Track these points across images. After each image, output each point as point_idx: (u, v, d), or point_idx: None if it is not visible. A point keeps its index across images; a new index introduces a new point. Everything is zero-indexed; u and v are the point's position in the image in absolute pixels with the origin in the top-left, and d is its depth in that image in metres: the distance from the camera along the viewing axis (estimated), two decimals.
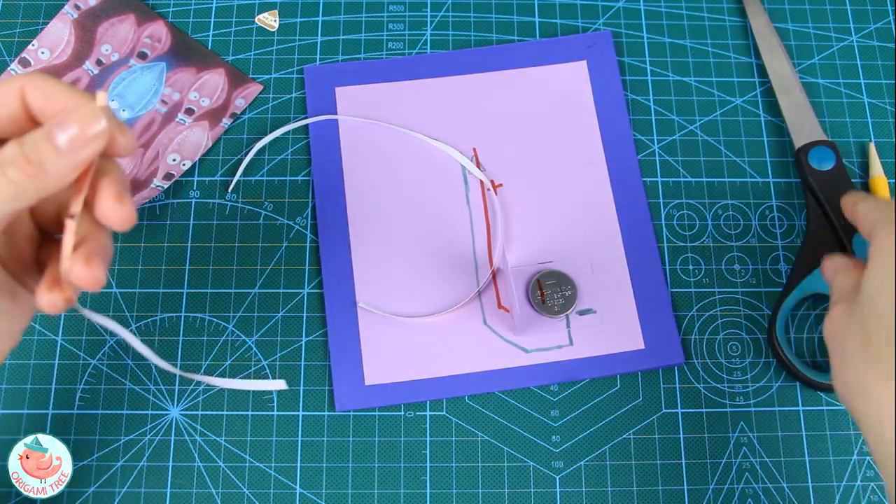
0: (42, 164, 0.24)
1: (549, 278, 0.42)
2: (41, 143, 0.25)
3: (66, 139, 0.25)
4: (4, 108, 0.26)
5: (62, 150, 0.25)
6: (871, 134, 0.46)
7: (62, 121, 0.25)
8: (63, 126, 0.24)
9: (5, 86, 0.26)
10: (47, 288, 0.27)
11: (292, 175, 0.45)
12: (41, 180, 0.25)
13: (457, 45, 0.48)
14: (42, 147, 0.24)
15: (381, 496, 0.39)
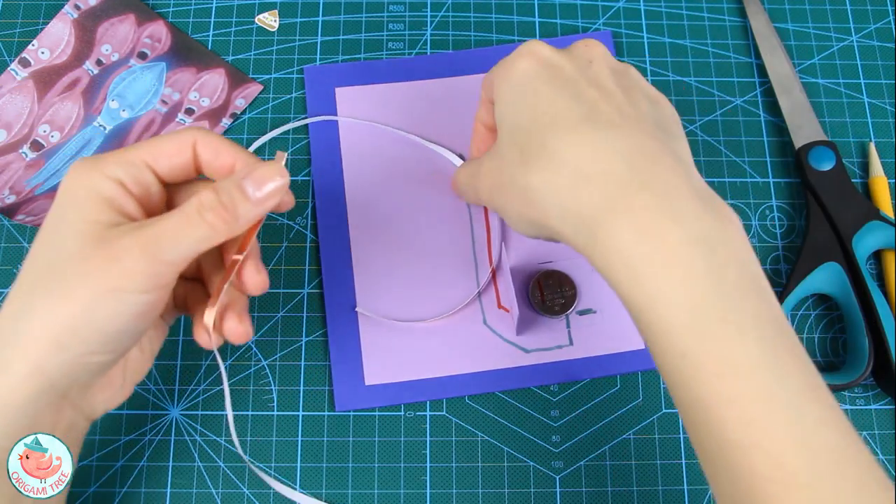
0: (236, 211, 0.28)
1: (549, 278, 0.42)
2: (235, 192, 0.28)
3: (254, 189, 0.29)
4: (179, 158, 0.30)
5: (252, 199, 0.29)
6: (871, 134, 0.46)
7: (254, 174, 0.29)
8: (255, 179, 0.29)
9: (181, 137, 0.30)
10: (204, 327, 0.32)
11: (292, 175, 0.45)
12: (232, 225, 0.28)
13: (457, 45, 0.48)
14: (236, 196, 0.28)
15: (381, 496, 0.39)
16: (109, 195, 0.28)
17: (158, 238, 0.27)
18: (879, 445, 0.40)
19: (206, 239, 0.28)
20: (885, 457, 0.40)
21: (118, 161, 0.29)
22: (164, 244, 0.27)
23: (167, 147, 0.30)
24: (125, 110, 0.46)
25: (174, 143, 0.30)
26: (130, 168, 0.29)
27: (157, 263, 0.27)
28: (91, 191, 0.28)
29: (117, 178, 0.29)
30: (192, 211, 0.28)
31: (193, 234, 0.28)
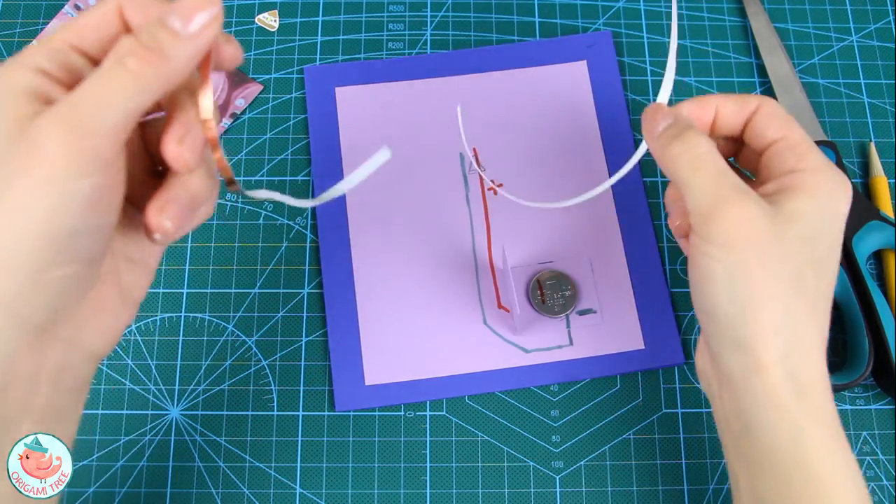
0: (162, 51, 0.24)
1: (549, 278, 0.42)
2: (157, 30, 0.24)
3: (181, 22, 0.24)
4: (105, 30, 0.26)
5: (181, 34, 0.24)
6: (871, 134, 0.46)
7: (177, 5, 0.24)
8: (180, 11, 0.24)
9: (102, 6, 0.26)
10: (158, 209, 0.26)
11: (292, 175, 0.45)
12: (163, 67, 0.24)
13: (457, 45, 0.48)
14: (159, 33, 0.24)
15: (381, 496, 0.39)
16: (32, 86, 0.24)
17: (76, 106, 0.23)
18: (879, 445, 0.40)
19: (137, 93, 0.24)
20: (885, 457, 0.40)
21: (37, 50, 0.25)
22: (85, 111, 0.23)
23: (88, 20, 0.26)
24: None
25: (95, 14, 0.26)
26: (53, 53, 0.25)
27: (83, 138, 0.23)
28: (12, 87, 0.24)
29: (39, 67, 0.25)
30: (111, 63, 0.24)
31: (119, 91, 0.23)
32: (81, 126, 0.23)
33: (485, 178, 0.44)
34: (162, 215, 0.26)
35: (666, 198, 0.35)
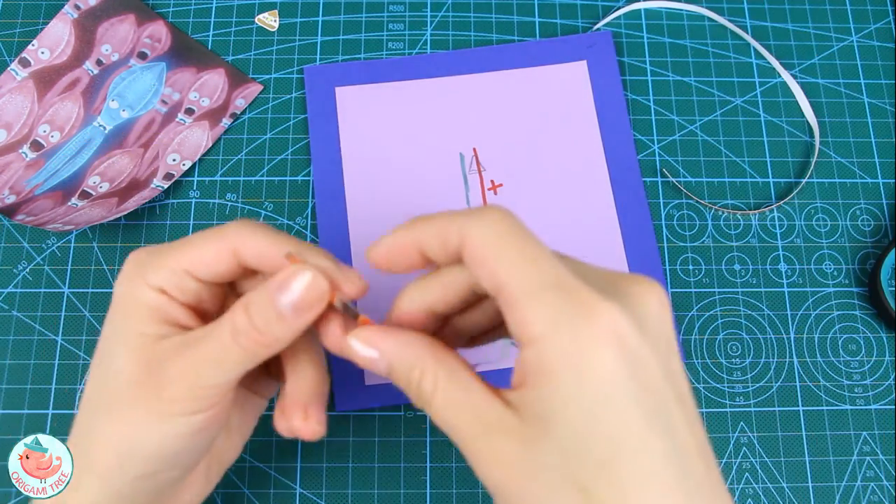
0: (271, 332, 0.26)
1: None
2: (268, 311, 0.26)
3: (289, 305, 0.26)
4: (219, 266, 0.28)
5: (287, 317, 0.26)
6: (872, 134, 0.46)
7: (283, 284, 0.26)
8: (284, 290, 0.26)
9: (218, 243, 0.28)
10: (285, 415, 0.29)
11: (292, 175, 0.45)
12: (273, 346, 0.27)
13: (457, 45, 0.48)
14: (268, 314, 0.26)
15: (381, 496, 0.39)
16: (154, 305, 0.28)
17: (197, 366, 0.27)
18: (879, 445, 0.40)
19: (248, 362, 0.27)
20: (885, 457, 0.40)
21: (158, 269, 0.28)
22: (204, 372, 0.27)
23: (205, 254, 0.28)
24: (125, 110, 0.46)
25: (211, 249, 0.28)
26: (171, 276, 0.28)
27: (199, 389, 0.27)
28: (137, 301, 0.28)
29: (159, 287, 0.28)
30: (227, 337, 0.26)
31: (232, 360, 0.27)
32: (200, 382, 0.27)
33: (485, 178, 0.44)
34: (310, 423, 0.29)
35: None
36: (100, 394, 0.28)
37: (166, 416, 0.27)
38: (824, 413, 0.41)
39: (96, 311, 0.42)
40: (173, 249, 0.28)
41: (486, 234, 0.24)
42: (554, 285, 0.22)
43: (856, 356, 0.42)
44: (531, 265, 0.23)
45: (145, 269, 0.28)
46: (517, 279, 0.23)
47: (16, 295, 0.42)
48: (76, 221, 0.41)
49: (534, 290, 0.22)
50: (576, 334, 0.21)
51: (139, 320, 0.28)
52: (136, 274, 0.28)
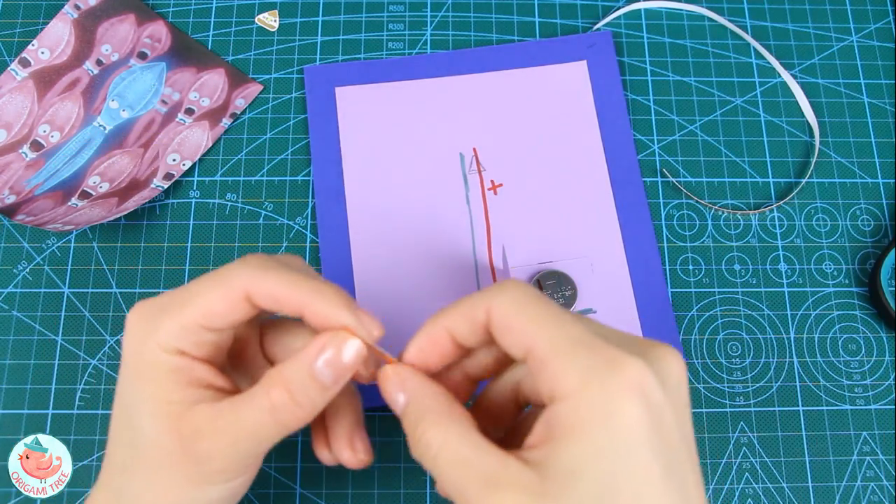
0: (312, 404, 0.26)
1: (549, 278, 0.42)
2: (310, 386, 0.26)
3: (330, 377, 0.26)
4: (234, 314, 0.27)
5: (328, 387, 0.26)
6: (872, 134, 0.46)
7: (324, 358, 0.26)
8: (326, 364, 0.26)
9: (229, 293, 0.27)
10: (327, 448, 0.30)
11: (292, 175, 0.45)
12: (311, 415, 0.27)
13: (457, 45, 0.48)
14: (310, 387, 0.26)
15: (381, 496, 0.39)
16: (174, 368, 0.27)
17: (235, 443, 0.26)
18: (879, 445, 0.40)
19: (285, 432, 0.27)
20: (885, 457, 0.40)
21: (171, 329, 0.27)
22: (241, 446, 0.27)
23: (215, 305, 0.27)
24: (125, 110, 0.46)
25: (222, 299, 0.27)
26: (186, 334, 0.27)
27: (238, 461, 0.27)
28: (155, 367, 0.27)
29: (176, 348, 0.27)
30: (265, 414, 0.26)
31: (269, 433, 0.27)
32: (238, 453, 0.27)
33: (484, 178, 0.44)
34: (358, 454, 0.30)
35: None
36: (131, 458, 0.28)
37: (206, 484, 0.27)
38: (824, 413, 0.41)
39: (96, 311, 0.42)
40: (182, 305, 0.27)
41: (510, 303, 0.25)
42: (582, 343, 0.23)
43: (856, 356, 0.42)
44: (558, 326, 0.24)
45: (156, 330, 0.27)
46: (546, 339, 0.23)
47: (16, 295, 0.42)
48: (76, 221, 0.41)
49: (564, 349, 0.23)
50: (605, 387, 0.22)
51: (162, 387, 0.27)
52: (145, 335, 0.27)
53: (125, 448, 0.28)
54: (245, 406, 0.26)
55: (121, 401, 0.29)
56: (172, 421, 0.27)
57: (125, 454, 0.28)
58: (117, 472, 0.29)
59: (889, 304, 0.41)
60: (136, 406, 0.28)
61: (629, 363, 0.22)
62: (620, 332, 0.25)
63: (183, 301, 0.27)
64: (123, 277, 0.43)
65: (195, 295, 0.27)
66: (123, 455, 0.29)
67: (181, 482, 0.27)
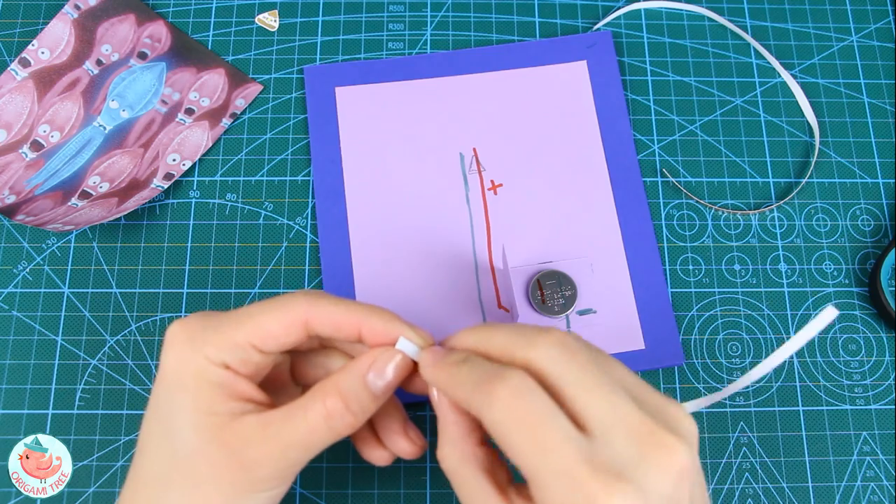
0: (364, 412, 0.28)
1: (549, 278, 0.42)
2: (362, 394, 0.28)
3: (383, 385, 0.28)
4: (289, 338, 0.29)
5: (380, 396, 0.28)
6: (871, 134, 0.46)
7: (380, 368, 0.28)
8: (381, 374, 0.28)
9: (288, 315, 0.28)
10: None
11: (292, 175, 0.45)
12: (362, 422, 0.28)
13: (457, 45, 0.48)
14: (363, 398, 0.28)
15: (381, 496, 0.39)
16: (219, 381, 0.28)
17: (286, 450, 0.27)
18: (879, 445, 0.40)
19: (334, 440, 0.28)
20: (885, 457, 0.40)
21: (221, 344, 0.28)
22: (291, 454, 0.28)
23: (273, 327, 0.28)
24: (125, 110, 0.46)
25: (281, 322, 0.28)
26: (236, 350, 0.28)
27: (286, 469, 0.28)
28: (199, 377, 0.28)
29: (223, 363, 0.28)
30: (319, 421, 0.27)
31: (320, 442, 0.28)
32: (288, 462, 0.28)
33: (484, 178, 0.44)
34: (416, 442, 0.31)
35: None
36: (169, 469, 0.28)
37: (250, 493, 0.28)
38: (824, 413, 0.41)
39: (96, 311, 0.42)
40: (238, 323, 0.28)
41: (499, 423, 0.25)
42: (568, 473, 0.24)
43: (856, 356, 0.42)
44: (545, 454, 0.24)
45: (204, 343, 0.28)
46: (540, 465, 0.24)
47: (16, 295, 0.42)
48: (76, 221, 0.41)
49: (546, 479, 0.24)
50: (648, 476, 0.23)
51: (207, 399, 0.28)
52: (192, 348, 0.28)
53: (162, 459, 0.28)
54: (298, 414, 0.27)
55: (157, 412, 0.29)
56: (217, 431, 0.27)
57: (162, 465, 0.28)
58: (150, 484, 0.28)
59: (889, 304, 0.41)
60: (177, 417, 0.28)
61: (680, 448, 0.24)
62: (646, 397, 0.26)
63: (239, 320, 0.28)
64: (123, 277, 0.43)
65: (253, 315, 0.28)
66: (160, 466, 0.28)
67: (226, 491, 0.27)
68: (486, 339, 0.28)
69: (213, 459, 0.27)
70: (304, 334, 0.29)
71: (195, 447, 0.27)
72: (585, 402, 0.24)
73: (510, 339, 0.27)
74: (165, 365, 0.29)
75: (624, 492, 0.23)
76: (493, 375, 0.25)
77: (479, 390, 0.26)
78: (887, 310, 0.41)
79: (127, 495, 0.29)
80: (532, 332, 0.26)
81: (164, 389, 0.29)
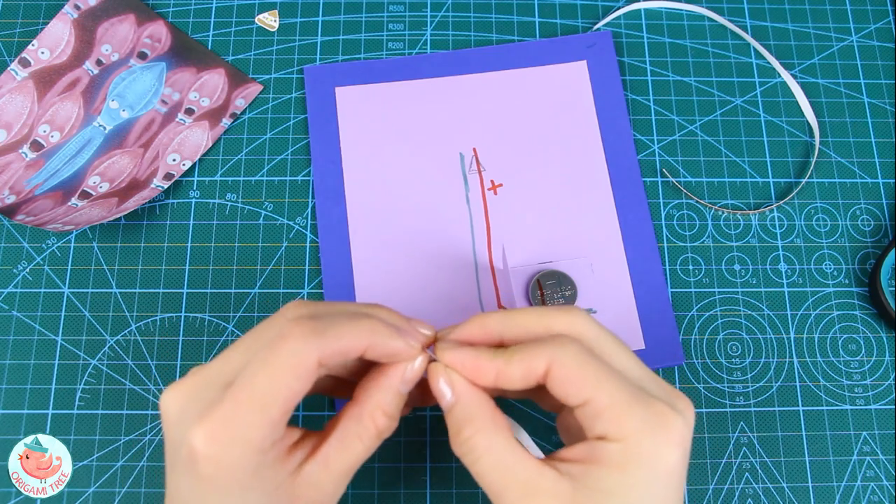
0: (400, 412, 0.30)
1: (549, 278, 0.42)
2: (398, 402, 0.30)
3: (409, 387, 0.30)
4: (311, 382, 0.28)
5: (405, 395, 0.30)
6: (871, 134, 0.46)
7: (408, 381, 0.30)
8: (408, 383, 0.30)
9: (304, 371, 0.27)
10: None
11: (292, 175, 0.45)
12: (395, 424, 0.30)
13: (457, 45, 0.48)
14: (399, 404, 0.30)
15: (381, 496, 0.39)
16: (273, 457, 0.27)
17: (349, 474, 0.29)
18: (879, 445, 0.40)
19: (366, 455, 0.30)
20: (885, 457, 0.40)
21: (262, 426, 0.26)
22: (351, 472, 0.29)
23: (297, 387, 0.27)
24: (125, 110, 0.46)
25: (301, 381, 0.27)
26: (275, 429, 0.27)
27: (345, 484, 0.30)
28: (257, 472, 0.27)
29: (271, 441, 0.27)
30: (373, 439, 0.29)
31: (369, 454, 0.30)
32: (348, 478, 0.29)
33: (484, 178, 0.44)
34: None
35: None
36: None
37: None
38: (824, 413, 0.41)
39: (96, 311, 0.42)
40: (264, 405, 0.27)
41: (572, 361, 0.27)
42: (636, 399, 0.27)
43: (856, 356, 0.42)
44: (615, 383, 0.27)
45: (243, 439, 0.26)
46: (606, 395, 0.27)
47: (16, 295, 0.42)
48: (76, 221, 0.41)
49: (621, 404, 0.27)
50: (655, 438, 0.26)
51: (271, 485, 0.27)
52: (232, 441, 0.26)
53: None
54: (354, 443, 0.29)
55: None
56: (288, 495, 0.28)
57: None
58: None
59: (889, 304, 0.41)
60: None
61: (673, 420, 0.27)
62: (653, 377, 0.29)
63: (263, 402, 0.26)
64: (123, 277, 0.43)
65: (272, 388, 0.26)
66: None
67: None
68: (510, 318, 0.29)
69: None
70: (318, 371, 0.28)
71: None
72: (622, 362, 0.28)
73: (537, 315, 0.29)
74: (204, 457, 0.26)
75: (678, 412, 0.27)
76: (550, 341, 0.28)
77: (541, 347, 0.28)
78: (887, 310, 0.41)
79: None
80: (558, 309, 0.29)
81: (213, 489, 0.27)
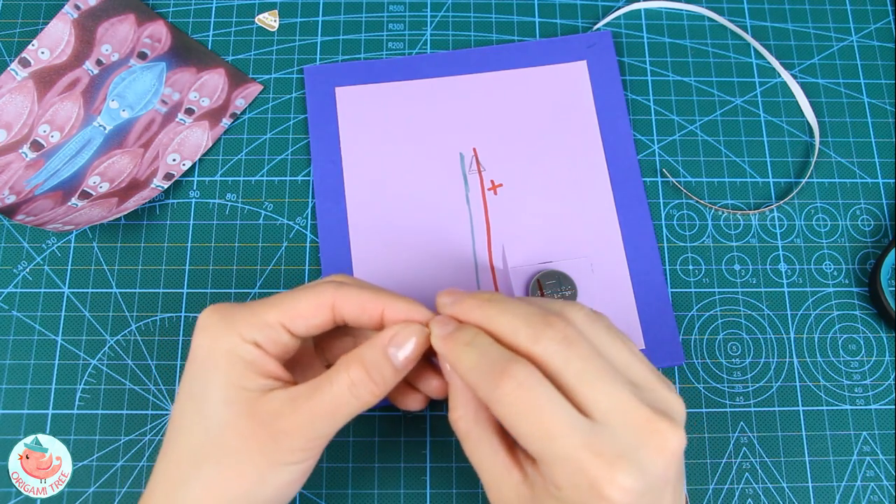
0: (385, 383, 0.29)
1: (549, 278, 0.42)
2: (384, 365, 0.29)
3: (403, 358, 0.29)
4: (316, 319, 0.30)
5: (400, 368, 0.29)
6: (871, 134, 0.46)
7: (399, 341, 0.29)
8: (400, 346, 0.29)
9: (317, 298, 0.30)
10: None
11: (292, 175, 0.45)
12: (383, 393, 0.30)
13: (457, 45, 0.48)
14: (385, 368, 0.29)
15: (381, 496, 0.39)
16: (250, 359, 0.29)
17: (313, 420, 0.29)
18: (879, 445, 0.40)
19: (358, 411, 0.30)
20: (885, 457, 0.40)
21: (253, 323, 0.30)
22: (319, 424, 0.29)
23: (303, 308, 0.30)
24: (125, 110, 0.46)
25: (310, 304, 0.30)
26: (267, 330, 0.30)
27: (314, 439, 0.29)
28: (231, 354, 0.29)
29: (254, 341, 0.30)
30: (344, 390, 0.29)
31: (346, 411, 0.29)
32: (315, 432, 0.29)
33: (484, 178, 0.44)
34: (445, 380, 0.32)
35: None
36: (202, 446, 0.29)
37: (280, 464, 0.29)
38: (824, 413, 0.41)
39: (96, 311, 0.42)
40: (269, 305, 0.30)
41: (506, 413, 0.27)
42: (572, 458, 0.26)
43: (856, 356, 0.42)
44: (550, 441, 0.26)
45: (237, 323, 0.30)
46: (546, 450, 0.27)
47: (16, 295, 0.42)
48: (76, 221, 0.41)
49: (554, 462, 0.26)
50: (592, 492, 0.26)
51: (238, 375, 0.29)
52: (225, 327, 0.30)
53: (195, 436, 0.29)
54: (324, 386, 0.29)
55: (189, 391, 0.30)
56: (248, 405, 0.29)
57: (194, 442, 0.29)
58: (183, 462, 0.29)
59: (889, 304, 0.41)
60: (209, 393, 0.29)
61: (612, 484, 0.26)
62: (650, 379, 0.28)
63: (270, 302, 0.30)
64: (123, 277, 0.43)
65: (283, 298, 0.30)
66: (192, 443, 0.29)
67: (258, 463, 0.29)
68: (492, 319, 0.29)
69: (244, 433, 0.29)
70: (331, 318, 0.30)
71: (227, 421, 0.29)
72: (586, 393, 0.27)
73: (515, 326, 0.28)
74: (197, 347, 0.30)
75: (624, 471, 0.25)
76: (500, 368, 0.27)
77: (486, 380, 0.27)
78: (887, 310, 0.41)
79: (159, 476, 0.30)
80: (537, 324, 0.28)
81: (197, 368, 0.30)
